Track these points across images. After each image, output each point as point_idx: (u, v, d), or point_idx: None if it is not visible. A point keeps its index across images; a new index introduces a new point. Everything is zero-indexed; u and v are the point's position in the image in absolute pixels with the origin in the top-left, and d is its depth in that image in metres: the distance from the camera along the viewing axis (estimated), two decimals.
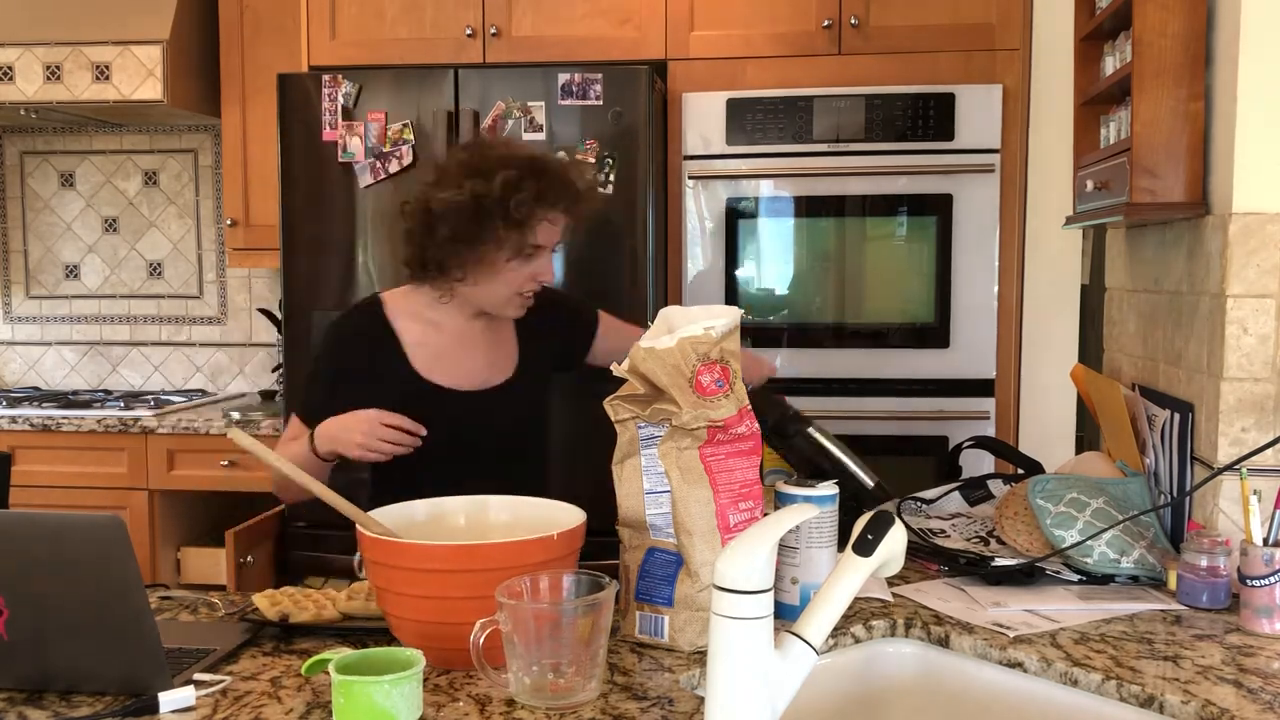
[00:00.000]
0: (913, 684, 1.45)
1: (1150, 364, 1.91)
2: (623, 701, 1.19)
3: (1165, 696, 1.22)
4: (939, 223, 2.95)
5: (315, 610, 1.41)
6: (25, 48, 3.32)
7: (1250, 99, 1.57)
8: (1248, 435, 1.58)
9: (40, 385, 4.01)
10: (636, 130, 2.82)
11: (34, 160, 3.98)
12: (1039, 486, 1.67)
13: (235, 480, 3.29)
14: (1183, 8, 1.65)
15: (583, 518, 1.37)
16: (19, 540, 1.17)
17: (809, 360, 3.02)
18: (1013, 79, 2.94)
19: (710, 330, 1.35)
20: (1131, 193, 1.67)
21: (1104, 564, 1.57)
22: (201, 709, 1.18)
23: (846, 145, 2.97)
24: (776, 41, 3.02)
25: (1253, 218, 1.57)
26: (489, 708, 1.18)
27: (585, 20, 3.08)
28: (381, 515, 1.40)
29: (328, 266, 2.94)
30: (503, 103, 2.85)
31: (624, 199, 2.83)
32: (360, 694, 1.06)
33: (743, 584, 0.98)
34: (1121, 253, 2.12)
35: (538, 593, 1.23)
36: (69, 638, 1.19)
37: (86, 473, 3.32)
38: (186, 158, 3.91)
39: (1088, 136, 2.05)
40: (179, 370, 3.97)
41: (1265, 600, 1.41)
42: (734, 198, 3.02)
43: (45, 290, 4.01)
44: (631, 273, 2.84)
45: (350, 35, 3.17)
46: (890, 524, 1.07)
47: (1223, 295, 1.58)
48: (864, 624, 1.45)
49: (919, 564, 1.70)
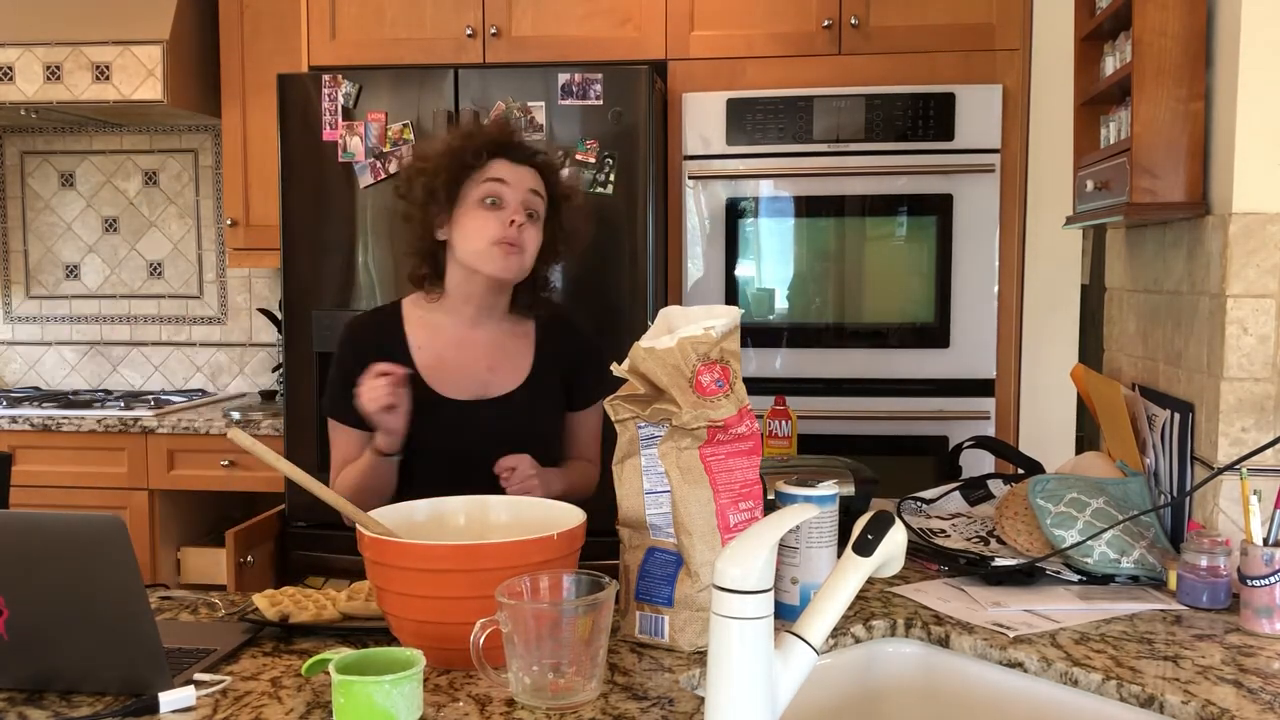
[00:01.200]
0: (913, 684, 1.45)
1: (1150, 364, 1.91)
2: (623, 701, 1.19)
3: (1165, 696, 1.22)
4: (939, 223, 2.95)
5: (315, 610, 1.41)
6: (25, 48, 3.32)
7: (1250, 99, 1.57)
8: (1248, 435, 1.58)
9: (40, 385, 4.01)
10: (636, 130, 2.82)
11: (34, 160, 3.98)
12: (1039, 486, 1.67)
13: (235, 480, 3.29)
14: (1183, 8, 1.65)
15: (583, 518, 1.37)
16: (19, 540, 1.17)
17: (809, 360, 3.02)
18: (1013, 79, 2.94)
19: (710, 330, 1.35)
20: (1131, 193, 1.67)
21: (1104, 564, 1.57)
22: (201, 709, 1.18)
23: (846, 145, 2.97)
24: (776, 41, 3.02)
25: (1253, 218, 1.57)
26: (489, 708, 1.18)
27: (585, 20, 3.08)
28: (381, 515, 1.40)
29: (328, 266, 2.94)
30: (503, 103, 2.85)
31: (624, 199, 2.83)
32: (360, 694, 1.06)
33: (743, 584, 0.98)
34: (1121, 253, 2.12)
35: (538, 593, 1.23)
36: (69, 638, 1.19)
37: (86, 473, 3.33)
38: (186, 158, 3.91)
39: (1088, 136, 2.05)
40: (179, 370, 3.97)
41: (1265, 600, 1.41)
42: (734, 198, 3.02)
43: (45, 290, 4.01)
44: (631, 272, 2.84)
45: (350, 35, 3.17)
46: (890, 524, 1.07)
47: (1223, 295, 1.58)
48: (864, 624, 1.45)
49: (919, 564, 1.70)
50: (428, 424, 1.80)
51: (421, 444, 1.80)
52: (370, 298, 2.92)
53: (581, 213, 2.00)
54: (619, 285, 2.84)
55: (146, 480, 3.32)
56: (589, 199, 2.72)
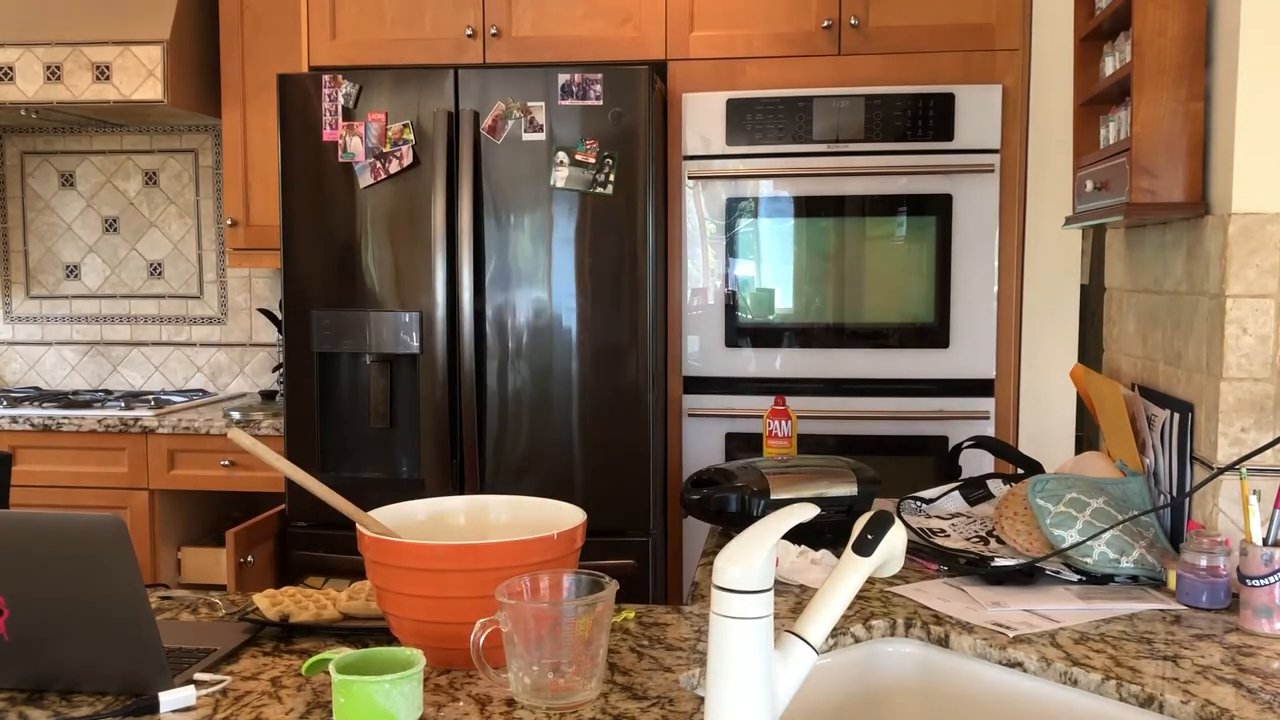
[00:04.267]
0: (913, 684, 1.46)
1: (1150, 364, 1.91)
2: (623, 701, 1.19)
3: (1165, 696, 1.22)
4: (939, 223, 2.95)
5: (315, 610, 1.42)
6: (25, 48, 3.32)
7: (1250, 99, 1.57)
8: (1247, 435, 1.58)
9: (40, 385, 4.01)
10: (636, 130, 2.83)
11: (34, 160, 3.98)
12: (1039, 486, 1.67)
13: (235, 480, 3.30)
14: (1182, 8, 1.65)
15: (583, 518, 1.37)
16: (19, 540, 1.17)
17: (809, 360, 3.03)
18: (1012, 79, 2.95)
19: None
20: (1131, 193, 1.67)
21: (1104, 564, 1.57)
22: (202, 709, 1.18)
23: (846, 145, 2.97)
24: (776, 41, 3.02)
25: (1252, 218, 1.57)
26: (489, 708, 1.18)
27: (585, 20, 3.08)
28: (381, 515, 1.40)
29: (328, 266, 2.94)
30: (503, 103, 2.85)
31: (624, 199, 2.84)
32: (360, 694, 1.06)
33: (743, 584, 0.98)
34: (1121, 253, 2.12)
35: (538, 593, 1.23)
36: (69, 637, 1.19)
37: (86, 473, 3.33)
38: (186, 158, 3.91)
39: (1087, 136, 2.05)
40: (179, 370, 3.97)
41: (1265, 600, 1.41)
42: (734, 198, 3.02)
43: (45, 290, 4.01)
44: (631, 272, 2.84)
45: (350, 35, 3.17)
46: (890, 524, 1.07)
47: (1222, 295, 1.59)
48: (864, 624, 1.45)
49: (919, 564, 1.70)
50: None
51: None
52: (370, 298, 2.92)
53: None
54: (619, 285, 2.84)
55: (146, 480, 3.32)
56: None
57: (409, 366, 2.93)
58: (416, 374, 2.92)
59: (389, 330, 2.91)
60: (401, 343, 2.90)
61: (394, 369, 2.94)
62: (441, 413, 2.88)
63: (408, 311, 2.90)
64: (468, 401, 2.87)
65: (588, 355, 2.85)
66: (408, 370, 2.94)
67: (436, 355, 2.87)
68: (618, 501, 2.88)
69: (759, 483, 1.82)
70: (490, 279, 2.89)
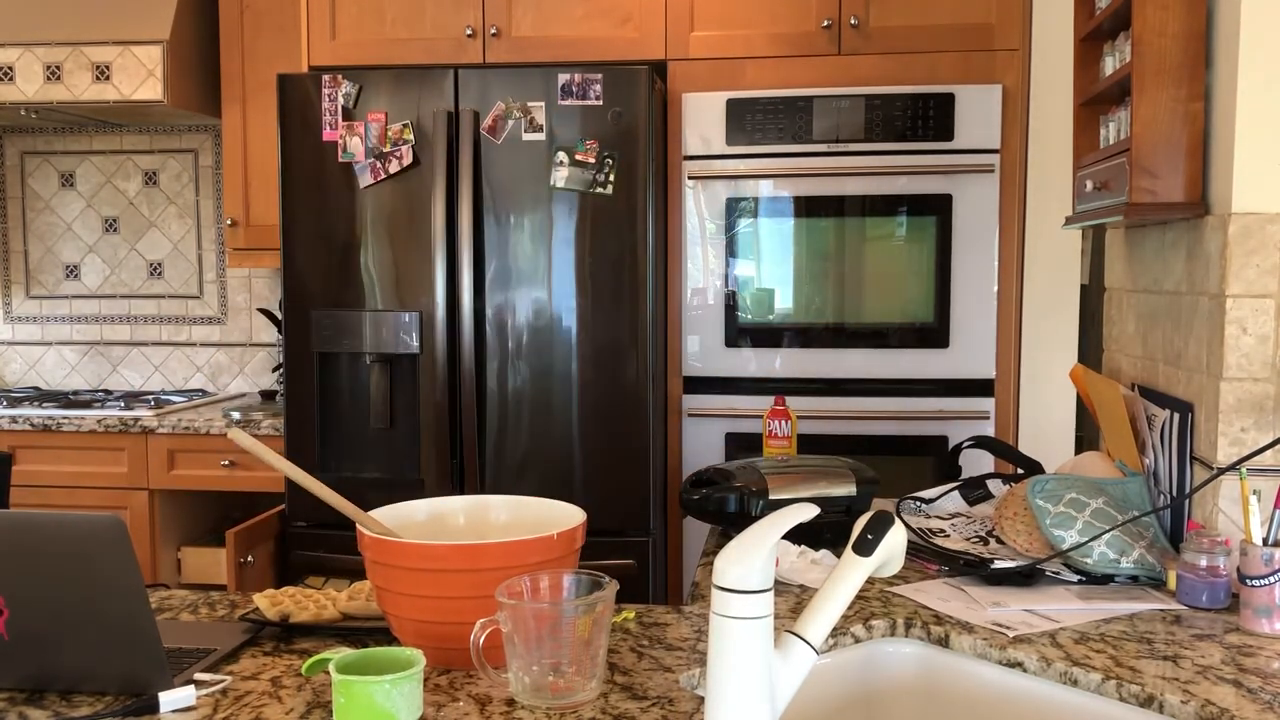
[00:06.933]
0: (913, 684, 1.46)
1: (1150, 364, 1.91)
2: (623, 701, 1.19)
3: (1165, 696, 1.22)
4: (939, 223, 2.95)
5: (315, 610, 1.42)
6: (25, 48, 3.32)
7: (1250, 99, 1.57)
8: (1247, 435, 1.58)
9: (40, 385, 4.01)
10: (636, 130, 2.83)
11: (34, 160, 3.98)
12: (1038, 486, 1.67)
13: (235, 480, 3.30)
14: (1182, 8, 1.65)
15: (583, 518, 1.37)
16: (19, 540, 1.17)
17: (809, 360, 3.03)
18: (1012, 79, 2.95)
19: None
20: (1131, 193, 1.67)
21: (1104, 564, 1.57)
22: (202, 709, 1.18)
23: (846, 145, 2.97)
24: (776, 41, 3.02)
25: (1252, 218, 1.57)
26: (489, 708, 1.18)
27: (585, 20, 3.09)
28: (381, 515, 1.40)
29: (328, 266, 2.94)
30: (503, 103, 2.85)
31: (624, 199, 2.84)
32: (360, 694, 1.06)
33: (743, 584, 0.98)
34: (1121, 253, 2.12)
35: (538, 593, 1.23)
36: (69, 638, 1.19)
37: (86, 473, 3.33)
38: (186, 158, 3.91)
39: (1087, 136, 2.05)
40: (179, 370, 3.97)
41: (1265, 600, 1.41)
42: (734, 198, 3.02)
43: (45, 290, 4.01)
44: (631, 272, 2.84)
45: (350, 35, 3.17)
46: (890, 524, 1.07)
47: (1222, 295, 1.59)
48: (864, 624, 1.45)
49: (919, 564, 1.70)
50: None
51: None
52: (370, 298, 2.92)
53: None
54: (619, 285, 2.84)
55: (146, 480, 3.32)
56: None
57: (409, 366, 2.93)
58: (416, 374, 2.92)
59: (389, 330, 2.91)
60: (401, 343, 2.90)
61: (394, 369, 2.94)
62: (441, 413, 2.88)
63: (408, 311, 2.90)
64: (468, 401, 2.87)
65: (588, 355, 2.85)
66: (408, 370, 2.94)
67: (436, 355, 2.87)
68: (617, 501, 2.88)
69: (758, 483, 1.82)
70: (490, 279, 2.89)
